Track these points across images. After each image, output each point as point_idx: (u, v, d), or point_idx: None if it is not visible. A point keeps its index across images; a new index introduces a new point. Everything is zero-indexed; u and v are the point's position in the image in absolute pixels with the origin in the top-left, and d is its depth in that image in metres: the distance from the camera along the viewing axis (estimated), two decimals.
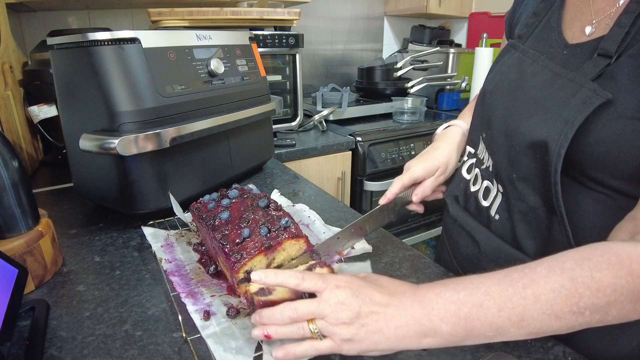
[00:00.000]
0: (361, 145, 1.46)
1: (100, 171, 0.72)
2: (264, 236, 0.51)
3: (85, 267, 0.61)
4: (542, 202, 0.48)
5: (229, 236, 0.52)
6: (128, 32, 0.65)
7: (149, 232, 0.65)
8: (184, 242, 0.64)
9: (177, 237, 0.65)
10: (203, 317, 0.47)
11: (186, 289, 0.52)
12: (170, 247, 0.63)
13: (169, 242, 0.64)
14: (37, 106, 0.99)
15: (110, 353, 0.44)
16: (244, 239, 0.51)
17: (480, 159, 0.61)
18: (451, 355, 0.44)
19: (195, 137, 0.72)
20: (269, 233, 0.52)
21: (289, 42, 1.32)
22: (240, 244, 0.51)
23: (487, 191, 0.58)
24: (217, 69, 0.78)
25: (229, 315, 0.48)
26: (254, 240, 0.51)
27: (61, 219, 0.76)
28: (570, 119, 0.43)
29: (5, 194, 0.53)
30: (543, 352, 0.45)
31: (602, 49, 0.45)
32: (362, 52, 2.13)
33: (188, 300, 0.50)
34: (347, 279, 0.41)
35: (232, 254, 0.50)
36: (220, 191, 0.63)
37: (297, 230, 0.53)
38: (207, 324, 0.47)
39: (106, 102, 0.65)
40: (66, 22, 1.41)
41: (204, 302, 0.50)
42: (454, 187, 0.67)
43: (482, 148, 0.61)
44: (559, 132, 0.44)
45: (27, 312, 0.50)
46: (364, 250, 0.62)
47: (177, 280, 0.54)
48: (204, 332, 0.46)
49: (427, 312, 0.37)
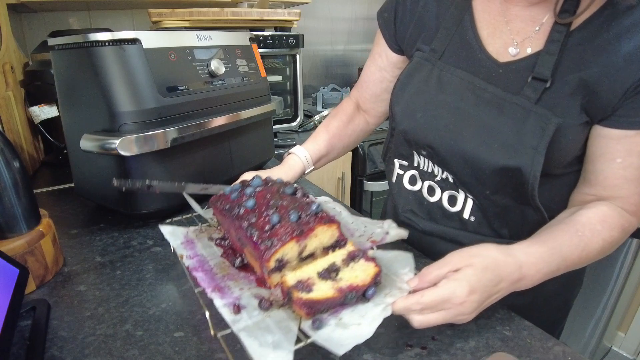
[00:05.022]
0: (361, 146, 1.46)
1: (101, 171, 0.72)
2: (294, 222, 0.47)
3: (86, 267, 0.61)
4: (516, 202, 0.56)
5: (257, 224, 0.47)
6: (129, 32, 0.65)
7: (167, 231, 0.60)
8: (205, 238, 0.59)
9: (197, 234, 0.61)
10: (233, 310, 0.43)
11: (212, 284, 0.48)
12: (191, 243, 0.58)
13: (189, 239, 0.59)
14: (38, 106, 0.99)
15: (111, 353, 0.44)
16: (273, 226, 0.46)
17: (426, 172, 0.63)
18: (451, 355, 0.45)
19: (196, 137, 0.72)
20: (300, 219, 0.47)
21: (289, 42, 1.32)
22: (269, 231, 0.46)
23: (452, 199, 0.61)
24: (218, 69, 0.78)
25: (262, 307, 0.43)
26: (284, 227, 0.46)
27: (62, 219, 0.76)
28: (534, 145, 0.50)
29: (6, 194, 0.53)
30: (543, 351, 0.45)
31: (538, 73, 0.51)
32: (362, 52, 2.14)
33: (215, 295, 0.46)
34: (479, 287, 0.43)
35: (261, 242, 0.46)
36: (241, 181, 0.59)
37: (329, 216, 0.49)
38: (237, 317, 0.42)
39: (107, 102, 0.65)
40: (67, 23, 1.41)
41: (232, 296, 0.46)
42: (404, 202, 0.67)
43: (425, 162, 0.63)
44: (529, 158, 0.51)
45: (28, 312, 0.50)
46: (398, 237, 0.56)
47: (201, 275, 0.50)
48: (235, 326, 0.41)
49: (529, 283, 0.47)
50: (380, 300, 0.43)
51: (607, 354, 1.56)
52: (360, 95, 0.81)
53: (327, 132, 0.79)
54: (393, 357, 0.44)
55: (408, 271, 0.48)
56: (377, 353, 0.45)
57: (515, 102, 0.52)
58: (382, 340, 0.47)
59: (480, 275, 0.43)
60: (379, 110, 0.80)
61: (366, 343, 0.46)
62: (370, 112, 0.81)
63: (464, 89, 0.57)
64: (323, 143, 0.78)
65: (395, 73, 0.73)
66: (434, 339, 0.47)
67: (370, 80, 0.77)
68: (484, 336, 0.47)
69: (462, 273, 0.43)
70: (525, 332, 0.48)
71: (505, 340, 0.47)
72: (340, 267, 0.46)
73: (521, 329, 0.49)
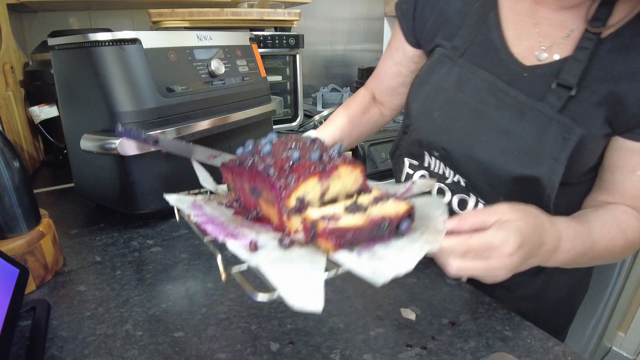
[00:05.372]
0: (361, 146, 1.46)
1: (101, 171, 0.72)
2: (316, 160, 0.42)
3: (86, 267, 0.61)
4: None
5: (275, 164, 0.42)
6: (129, 32, 0.65)
7: (173, 198, 0.54)
8: (214, 203, 0.53)
9: (205, 201, 0.54)
10: (250, 248, 0.38)
11: (224, 232, 0.42)
12: (199, 207, 0.51)
13: (197, 205, 0.52)
14: (38, 106, 0.99)
15: (111, 353, 0.44)
16: (293, 163, 0.42)
17: (437, 173, 0.61)
18: (451, 355, 0.44)
19: (196, 137, 0.72)
20: (322, 158, 0.43)
21: (289, 42, 1.32)
22: (289, 169, 0.41)
23: (462, 202, 0.60)
24: (218, 69, 0.78)
25: (283, 245, 0.38)
26: (305, 164, 0.42)
27: (62, 219, 0.76)
28: (555, 155, 0.49)
29: (6, 194, 0.53)
30: (543, 352, 0.45)
31: (563, 80, 0.49)
32: (362, 52, 2.13)
33: (228, 239, 0.40)
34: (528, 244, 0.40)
35: (280, 179, 0.40)
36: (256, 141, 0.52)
37: (352, 159, 0.45)
38: (255, 254, 0.37)
39: (107, 102, 0.65)
40: (67, 23, 1.41)
41: (248, 238, 0.40)
42: None
43: (436, 164, 0.60)
44: (548, 168, 0.49)
45: (28, 312, 0.50)
46: (426, 187, 0.51)
47: (211, 228, 0.44)
48: (253, 260, 0.35)
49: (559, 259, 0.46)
50: (417, 238, 0.38)
51: (607, 354, 1.56)
52: (375, 87, 0.79)
53: (343, 119, 0.77)
54: (393, 357, 0.44)
55: (442, 213, 0.43)
56: (377, 353, 0.45)
57: (537, 108, 0.50)
58: (382, 340, 0.47)
59: (530, 232, 0.40)
60: (394, 103, 0.78)
61: (366, 342, 0.46)
62: (385, 105, 0.80)
63: (485, 90, 0.54)
64: (338, 129, 0.76)
65: (411, 67, 0.71)
66: (434, 338, 0.47)
67: (387, 74, 0.76)
68: (484, 336, 0.47)
69: (515, 224, 0.39)
70: (525, 332, 0.48)
71: (505, 340, 0.47)
72: (368, 207, 0.40)
73: (521, 329, 0.49)
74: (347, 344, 0.46)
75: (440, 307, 0.52)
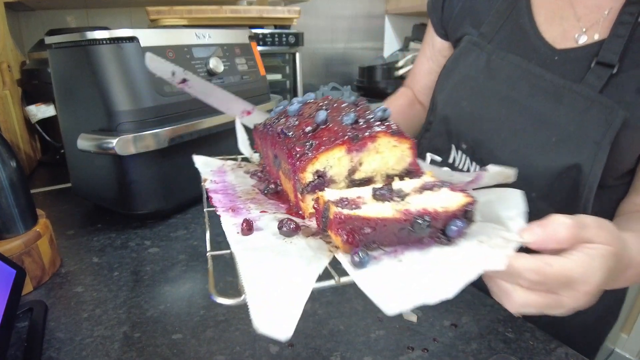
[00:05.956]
0: None
1: (99, 171, 0.71)
2: (348, 125, 0.33)
3: (83, 268, 0.60)
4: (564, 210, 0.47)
5: (298, 127, 0.35)
6: (126, 30, 0.65)
7: (201, 160, 0.49)
8: (241, 171, 0.48)
9: (233, 167, 0.49)
10: (241, 230, 0.31)
11: (227, 205, 0.37)
12: (222, 173, 0.46)
13: (222, 170, 0.47)
14: (35, 105, 0.99)
15: (108, 354, 0.44)
16: (317, 126, 0.33)
17: (461, 170, 0.57)
18: (453, 357, 0.44)
19: (194, 136, 0.72)
20: (357, 123, 0.33)
21: (289, 40, 1.31)
22: (310, 133, 0.33)
23: None
24: (217, 67, 0.78)
25: (284, 230, 0.30)
26: (331, 128, 0.33)
27: (59, 220, 0.76)
28: (597, 139, 0.44)
29: (3, 194, 0.53)
30: (545, 353, 0.45)
31: (603, 57, 0.46)
32: (363, 50, 2.12)
33: (226, 214, 0.35)
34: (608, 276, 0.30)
35: (296, 146, 0.32)
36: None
37: (400, 129, 0.34)
38: (245, 238, 0.30)
39: (104, 101, 0.64)
40: (64, 21, 1.40)
41: (248, 216, 0.34)
42: None
43: (462, 158, 0.56)
44: (590, 153, 0.44)
45: (25, 313, 0.49)
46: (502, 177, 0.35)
47: (218, 197, 0.38)
48: (235, 246, 0.29)
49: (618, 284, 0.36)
50: (472, 248, 0.27)
51: (610, 356, 1.56)
52: (413, 85, 0.78)
53: (393, 107, 0.74)
54: (393, 357, 0.44)
55: (517, 215, 0.30)
56: (377, 355, 0.44)
57: (576, 90, 0.46)
58: (383, 342, 0.46)
59: (615, 264, 0.30)
60: None
61: (367, 344, 0.45)
62: (425, 104, 0.77)
63: (517, 76, 0.51)
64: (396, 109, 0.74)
65: (441, 62, 0.68)
66: (435, 340, 0.46)
67: (421, 72, 0.75)
68: (486, 338, 0.47)
69: (601, 252, 0.28)
70: (527, 334, 0.48)
71: (507, 342, 0.46)
72: (410, 194, 0.30)
73: (523, 330, 0.48)
74: (347, 346, 0.45)
75: (441, 308, 0.52)
